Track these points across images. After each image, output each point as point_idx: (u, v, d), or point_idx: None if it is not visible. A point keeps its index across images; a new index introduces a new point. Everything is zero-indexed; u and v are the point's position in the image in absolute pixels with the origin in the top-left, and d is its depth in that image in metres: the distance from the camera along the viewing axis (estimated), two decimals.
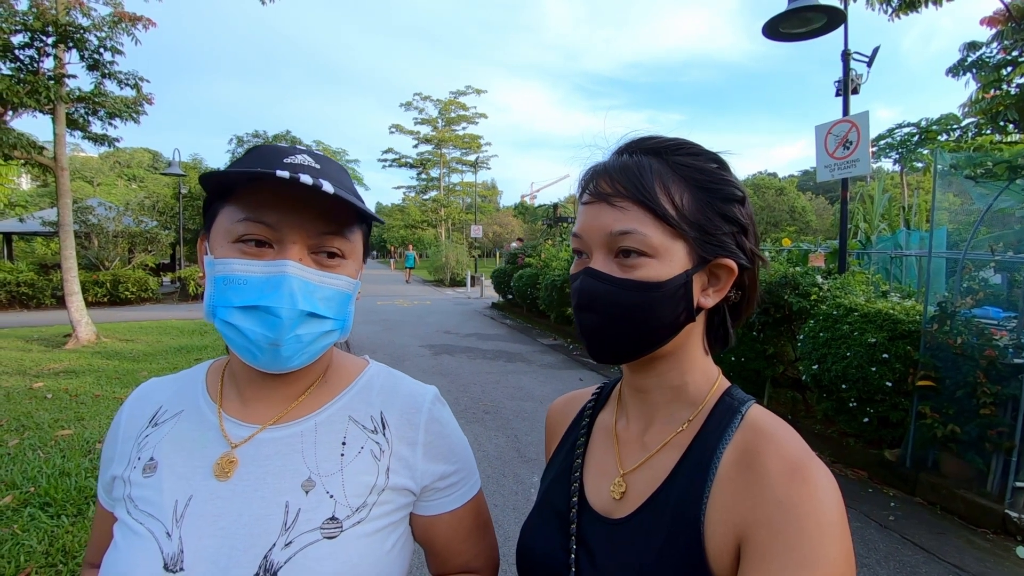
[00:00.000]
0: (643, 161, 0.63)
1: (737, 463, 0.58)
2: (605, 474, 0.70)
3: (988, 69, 12.01)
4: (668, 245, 0.61)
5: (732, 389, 0.67)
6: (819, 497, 0.52)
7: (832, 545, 0.50)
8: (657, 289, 0.60)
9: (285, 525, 0.64)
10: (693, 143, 0.66)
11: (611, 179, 0.63)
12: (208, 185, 0.67)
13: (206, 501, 0.66)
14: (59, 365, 7.03)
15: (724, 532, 0.55)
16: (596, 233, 0.63)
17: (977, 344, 3.53)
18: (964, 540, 3.23)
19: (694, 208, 0.62)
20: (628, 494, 0.65)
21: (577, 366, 7.94)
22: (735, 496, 0.56)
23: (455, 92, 48.71)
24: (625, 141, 0.68)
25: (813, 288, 4.73)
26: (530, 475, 4.05)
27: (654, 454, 0.66)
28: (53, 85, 7.77)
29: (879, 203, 11.30)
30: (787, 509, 0.51)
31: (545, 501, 0.74)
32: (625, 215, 0.61)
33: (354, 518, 0.67)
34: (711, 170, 0.64)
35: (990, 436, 3.38)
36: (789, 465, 0.54)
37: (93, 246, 16.54)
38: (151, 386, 0.80)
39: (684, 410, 0.66)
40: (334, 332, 0.69)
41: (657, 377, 0.67)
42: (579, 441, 0.76)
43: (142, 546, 0.64)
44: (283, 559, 0.62)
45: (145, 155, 50.02)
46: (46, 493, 3.32)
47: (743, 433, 0.60)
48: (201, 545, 0.63)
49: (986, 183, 4.02)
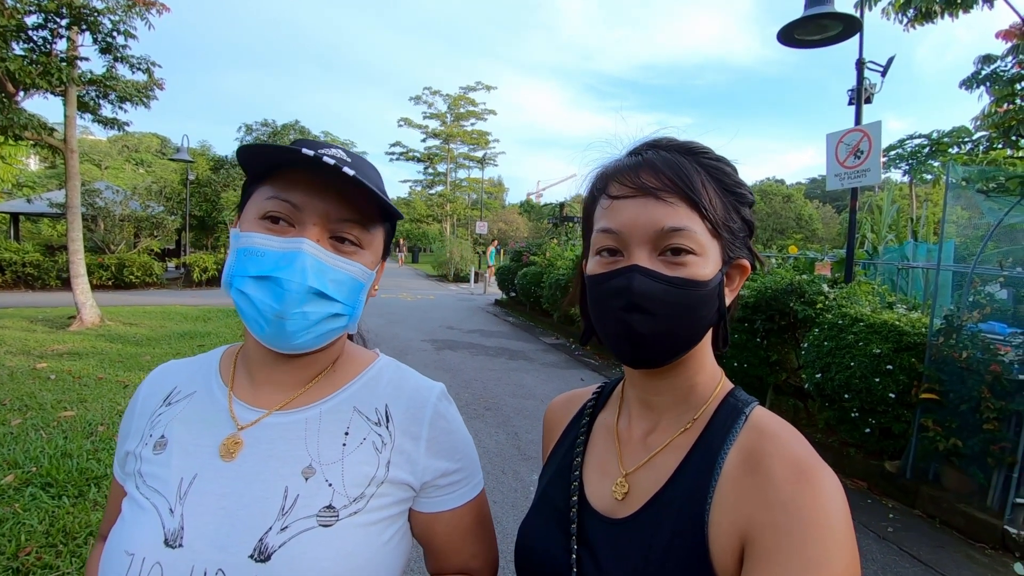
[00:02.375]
0: (681, 159, 0.62)
1: (742, 464, 0.57)
2: (606, 474, 0.69)
3: (1002, 83, 11.94)
4: (708, 244, 0.61)
5: (736, 390, 0.67)
6: (825, 500, 0.51)
7: (838, 548, 0.50)
8: (704, 287, 0.60)
9: (283, 510, 0.65)
10: (710, 147, 0.66)
11: (656, 172, 0.60)
12: (245, 163, 0.69)
13: (210, 480, 0.67)
14: (63, 347, 7.06)
15: (728, 533, 0.55)
16: (641, 230, 0.60)
17: (982, 359, 3.52)
18: (963, 554, 3.22)
19: (722, 209, 0.62)
20: (631, 494, 0.64)
21: (579, 366, 7.94)
22: (739, 497, 0.55)
23: (465, 87, 48.61)
24: (647, 140, 0.67)
25: (819, 296, 4.71)
26: (530, 473, 4.06)
27: (656, 454, 0.65)
28: (65, 67, 7.80)
29: (887, 214, 11.26)
30: (793, 511, 0.51)
31: (544, 499, 0.73)
32: (676, 211, 0.59)
33: (351, 508, 0.67)
34: (732, 173, 0.65)
35: (992, 451, 3.37)
36: (795, 467, 0.54)
37: (99, 229, 16.60)
38: (168, 367, 0.82)
39: (688, 411, 0.66)
40: (342, 317, 0.70)
41: (672, 379, 0.66)
42: (579, 440, 0.75)
43: (146, 520, 0.65)
44: (277, 543, 0.63)
45: (154, 140, 50.12)
46: (48, 473, 3.34)
47: (747, 434, 0.60)
48: (202, 523, 0.64)
49: (998, 198, 3.99)
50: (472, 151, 50.03)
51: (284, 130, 22.37)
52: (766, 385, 5.32)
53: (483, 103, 49.47)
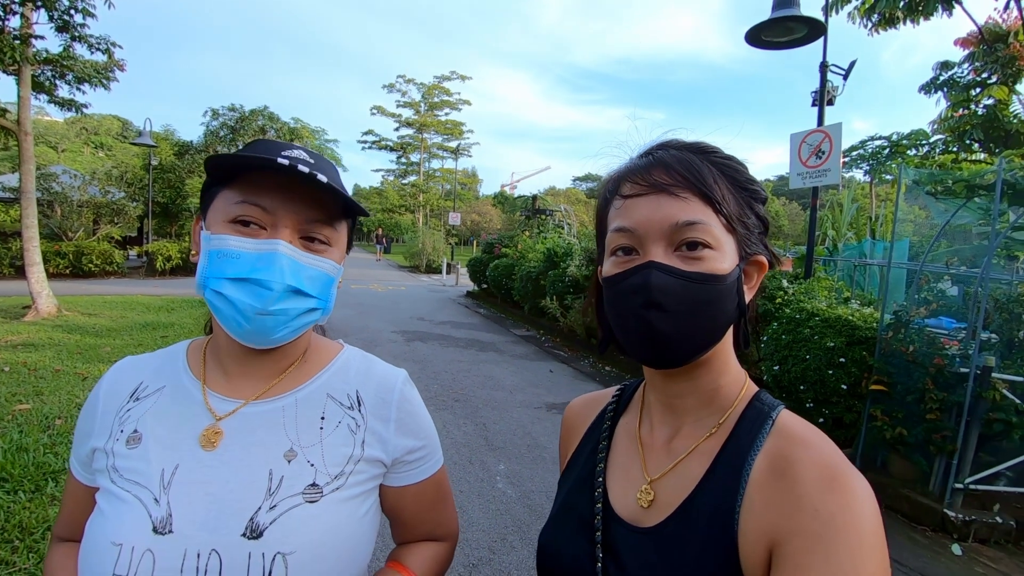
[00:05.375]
0: (692, 156, 0.63)
1: (770, 470, 0.56)
2: (631, 481, 0.68)
3: (959, 88, 12.43)
4: (724, 239, 0.60)
5: (761, 393, 0.66)
6: (857, 507, 0.51)
7: (870, 557, 0.49)
8: (723, 281, 0.59)
9: (269, 490, 0.70)
10: (719, 147, 0.67)
11: (668, 169, 0.61)
12: (211, 169, 0.72)
13: (193, 469, 0.70)
14: (17, 338, 6.81)
15: (756, 540, 0.54)
16: (656, 225, 0.60)
17: (928, 352, 3.71)
18: (905, 537, 3.41)
19: (735, 205, 0.62)
20: (656, 502, 0.63)
21: (548, 358, 8.02)
22: (768, 504, 0.55)
23: (439, 77, 48.17)
24: (657, 142, 0.67)
25: (779, 292, 4.88)
26: (496, 463, 4.12)
27: (681, 460, 0.64)
28: (19, 45, 7.45)
29: (848, 212, 11.65)
30: (824, 519, 0.50)
31: (567, 507, 0.73)
32: (689, 206, 0.59)
33: (333, 484, 0.73)
34: (743, 170, 0.65)
35: (935, 439, 3.57)
36: (825, 473, 0.53)
37: (56, 215, 15.94)
38: (129, 363, 0.83)
39: (713, 415, 0.65)
40: (317, 311, 0.75)
41: (694, 381, 0.65)
42: (601, 445, 0.74)
43: (130, 510, 0.67)
44: (268, 520, 0.68)
45: (114, 123, 48.13)
46: (2, 468, 3.24)
47: (775, 439, 0.59)
48: (190, 509, 0.67)
49: (946, 199, 4.20)
50: (446, 141, 49.66)
51: (252, 115, 21.76)
52: None
53: (458, 93, 49.16)
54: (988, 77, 11.66)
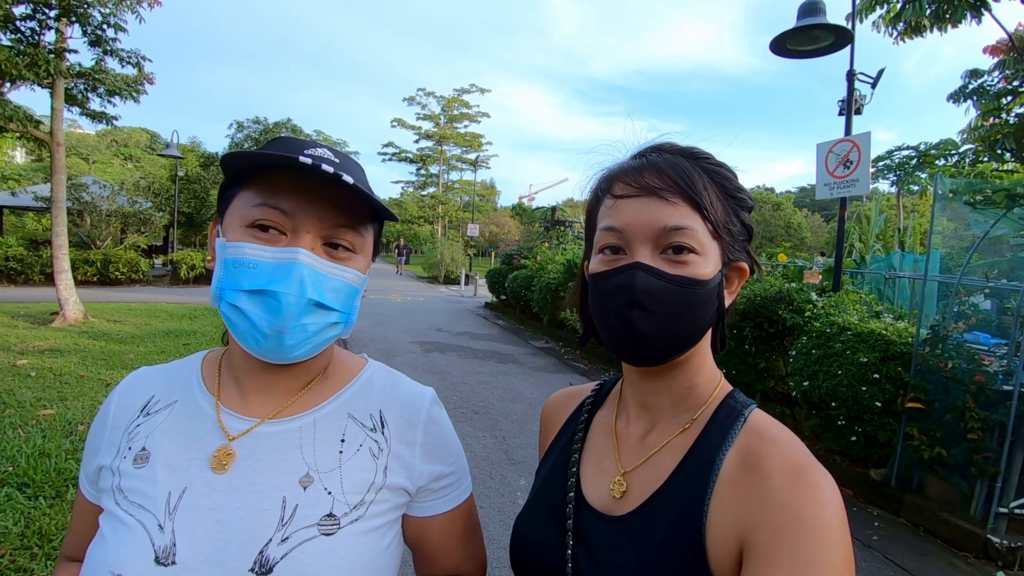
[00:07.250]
0: (684, 161, 0.64)
1: (740, 465, 0.58)
2: (604, 472, 0.69)
3: (988, 97, 12.13)
4: (709, 245, 0.62)
5: (734, 392, 0.67)
6: (823, 501, 0.52)
7: (835, 549, 0.51)
8: (705, 286, 0.61)
9: (282, 520, 0.63)
10: (711, 153, 0.67)
11: (659, 173, 0.62)
12: (228, 168, 0.66)
13: (201, 494, 0.64)
14: (44, 343, 6.94)
15: (725, 534, 0.55)
16: (644, 228, 0.61)
17: (967, 369, 3.55)
18: (946, 563, 3.24)
19: (722, 212, 0.64)
20: (628, 493, 0.65)
21: (568, 370, 7.93)
22: (737, 498, 0.56)
23: (459, 89, 48.71)
24: (650, 144, 0.68)
25: (807, 305, 4.74)
26: (517, 478, 4.04)
27: (655, 454, 0.66)
28: (53, 59, 7.68)
29: (875, 224, 11.39)
30: (791, 512, 0.52)
31: (540, 495, 0.74)
32: (678, 210, 0.60)
33: (352, 515, 0.66)
34: (732, 178, 0.66)
35: (976, 461, 3.40)
36: (792, 469, 0.55)
37: (85, 224, 16.34)
38: (142, 374, 0.78)
39: (687, 412, 0.66)
40: (339, 325, 0.69)
41: (671, 380, 0.67)
42: (576, 436, 0.75)
43: (132, 538, 0.62)
44: (279, 555, 0.61)
45: (143, 135, 49.46)
46: (24, 473, 3.27)
47: (746, 436, 0.61)
48: (195, 538, 0.61)
49: (984, 210, 4.04)
50: (465, 153, 50.08)
51: (276, 127, 22.15)
52: (754, 392, 5.34)
53: (477, 105, 49.64)
54: (1020, 85, 11.36)
